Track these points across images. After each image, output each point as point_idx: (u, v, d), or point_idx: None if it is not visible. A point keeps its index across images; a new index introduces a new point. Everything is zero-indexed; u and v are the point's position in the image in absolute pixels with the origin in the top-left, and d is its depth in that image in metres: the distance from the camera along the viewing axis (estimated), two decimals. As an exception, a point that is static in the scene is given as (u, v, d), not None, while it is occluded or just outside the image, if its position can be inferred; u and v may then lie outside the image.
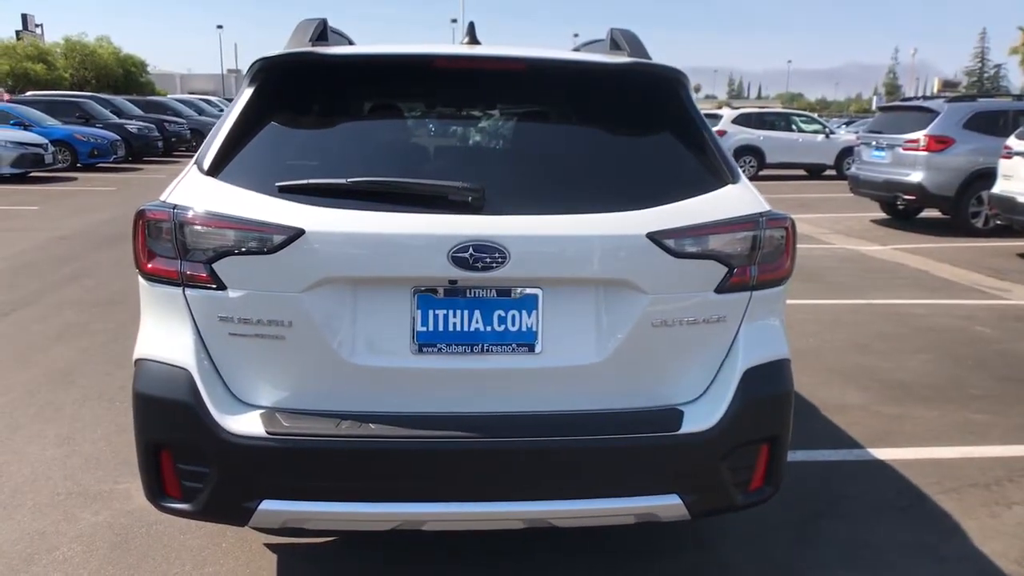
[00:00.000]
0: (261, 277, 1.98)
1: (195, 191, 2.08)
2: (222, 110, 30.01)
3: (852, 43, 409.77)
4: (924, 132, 10.45)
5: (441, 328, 2.05)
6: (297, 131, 2.26)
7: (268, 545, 2.75)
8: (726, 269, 2.12)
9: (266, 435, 1.97)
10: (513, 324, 2.06)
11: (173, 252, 2.02)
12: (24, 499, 3.06)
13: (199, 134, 24.51)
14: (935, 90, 77.39)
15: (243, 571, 2.61)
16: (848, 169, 14.19)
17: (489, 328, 2.06)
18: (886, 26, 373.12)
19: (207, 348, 2.04)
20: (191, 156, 2.26)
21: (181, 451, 2.04)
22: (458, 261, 1.97)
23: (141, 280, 2.14)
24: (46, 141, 15.80)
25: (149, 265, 2.07)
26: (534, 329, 2.07)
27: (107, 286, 6.66)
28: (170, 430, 2.04)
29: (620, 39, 2.72)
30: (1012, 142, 8.82)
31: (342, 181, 2.03)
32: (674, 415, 2.12)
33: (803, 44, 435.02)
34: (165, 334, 2.07)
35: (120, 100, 24.20)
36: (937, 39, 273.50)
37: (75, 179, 15.88)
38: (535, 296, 2.06)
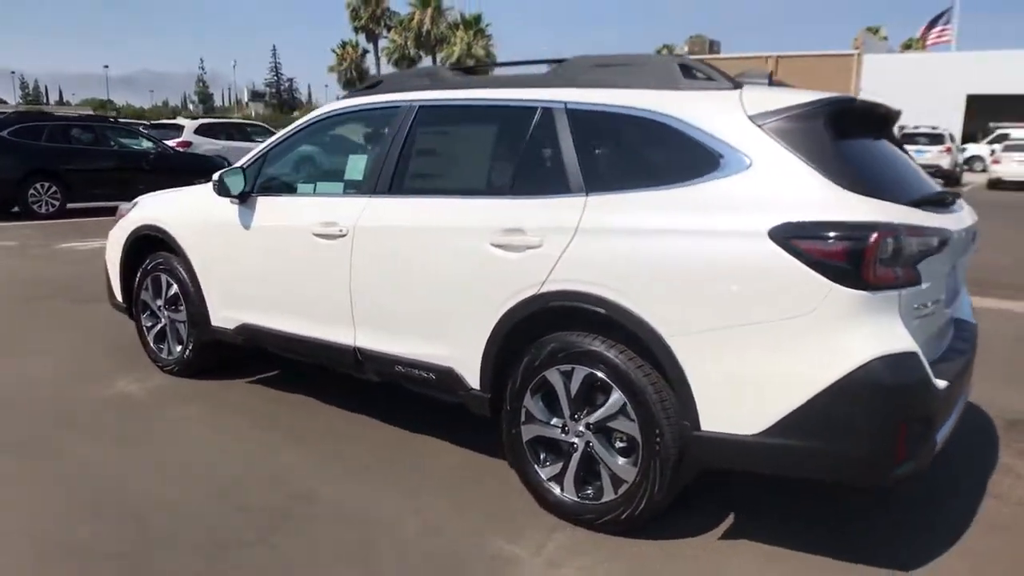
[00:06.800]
0: (934, 269, 2.76)
1: (869, 208, 2.59)
2: None
3: (143, 51, 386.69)
4: None
5: None
6: (848, 155, 2.84)
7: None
8: None
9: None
10: None
11: (892, 261, 2.56)
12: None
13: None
14: (246, 99, 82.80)
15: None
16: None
17: None
18: (179, 36, 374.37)
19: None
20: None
21: (919, 419, 2.63)
22: None
23: (859, 295, 2.54)
24: None
25: (875, 275, 2.54)
26: None
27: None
28: (915, 404, 2.62)
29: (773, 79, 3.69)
30: None
31: (925, 195, 3.01)
32: None
33: (92, 48, 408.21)
34: (870, 329, 2.57)
35: None
36: (233, 54, 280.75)
37: None
38: None
